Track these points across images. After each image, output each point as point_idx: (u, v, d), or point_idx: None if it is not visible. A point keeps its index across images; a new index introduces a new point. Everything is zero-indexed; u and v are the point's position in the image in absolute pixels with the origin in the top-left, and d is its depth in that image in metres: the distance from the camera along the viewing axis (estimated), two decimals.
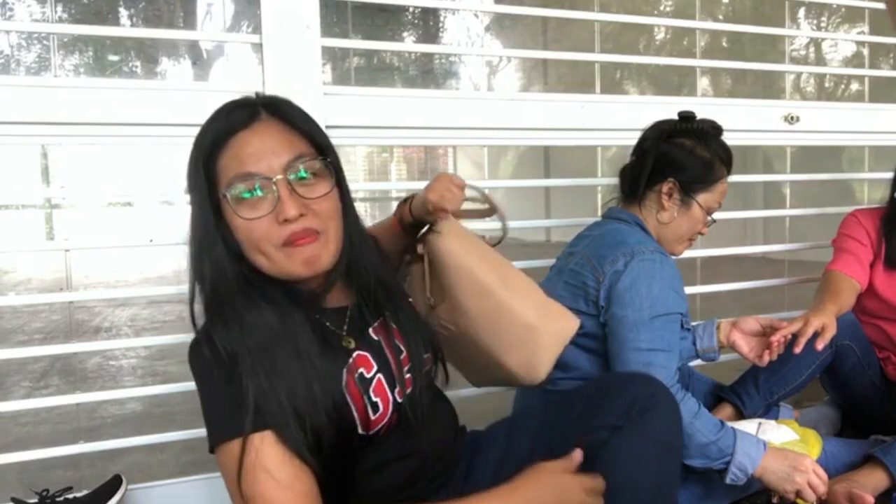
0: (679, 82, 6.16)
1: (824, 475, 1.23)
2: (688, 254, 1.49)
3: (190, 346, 0.85)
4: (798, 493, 1.23)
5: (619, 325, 1.24)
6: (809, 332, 1.35)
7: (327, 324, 0.89)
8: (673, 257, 1.36)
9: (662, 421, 0.91)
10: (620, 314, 1.24)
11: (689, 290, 1.61)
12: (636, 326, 1.23)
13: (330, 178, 0.86)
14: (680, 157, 1.34)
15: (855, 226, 1.74)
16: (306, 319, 0.84)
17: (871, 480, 1.35)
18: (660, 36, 7.64)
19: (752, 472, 1.20)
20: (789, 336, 1.35)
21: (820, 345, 1.35)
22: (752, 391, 1.60)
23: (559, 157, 9.20)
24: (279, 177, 0.81)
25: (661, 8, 7.47)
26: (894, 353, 1.70)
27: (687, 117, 1.38)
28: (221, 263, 0.83)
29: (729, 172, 1.39)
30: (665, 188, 1.35)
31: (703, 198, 1.36)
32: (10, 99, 1.27)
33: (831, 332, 1.37)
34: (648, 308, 1.23)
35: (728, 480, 1.21)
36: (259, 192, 0.82)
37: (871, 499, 1.28)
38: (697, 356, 1.48)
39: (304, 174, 0.83)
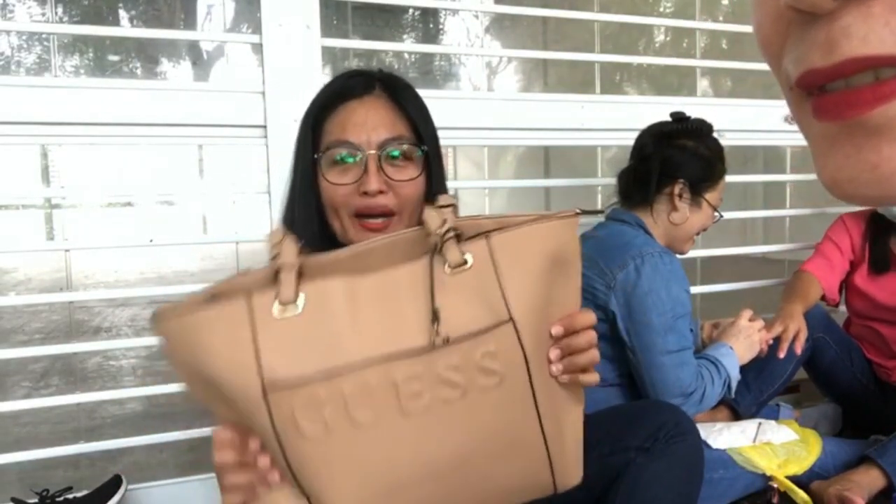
0: (679, 83, 6.16)
1: (758, 324, 1.43)
2: (688, 254, 1.49)
3: None
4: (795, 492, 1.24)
5: (646, 330, 1.26)
6: (790, 336, 1.50)
7: None
8: (679, 257, 1.38)
9: (688, 448, 0.96)
10: (645, 320, 1.25)
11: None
12: (663, 330, 1.25)
13: (420, 165, 0.89)
14: (685, 159, 1.37)
15: (840, 231, 1.80)
16: None
17: (866, 479, 1.36)
18: (659, 38, 7.64)
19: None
20: (770, 340, 1.48)
21: (799, 348, 1.50)
22: (743, 390, 1.63)
23: (559, 157, 9.21)
24: (372, 151, 0.85)
25: (661, 9, 7.47)
26: (888, 354, 1.72)
27: (681, 118, 1.41)
28: (310, 216, 0.88)
29: (725, 168, 1.42)
30: (676, 189, 1.37)
31: (710, 195, 1.39)
32: (10, 99, 1.27)
33: (804, 334, 1.52)
34: (671, 310, 1.26)
35: (733, 393, 1.40)
36: (350, 161, 0.86)
37: (861, 502, 1.29)
38: None
39: (395, 154, 0.87)
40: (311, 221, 0.88)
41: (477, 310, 0.67)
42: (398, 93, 0.91)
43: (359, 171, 0.86)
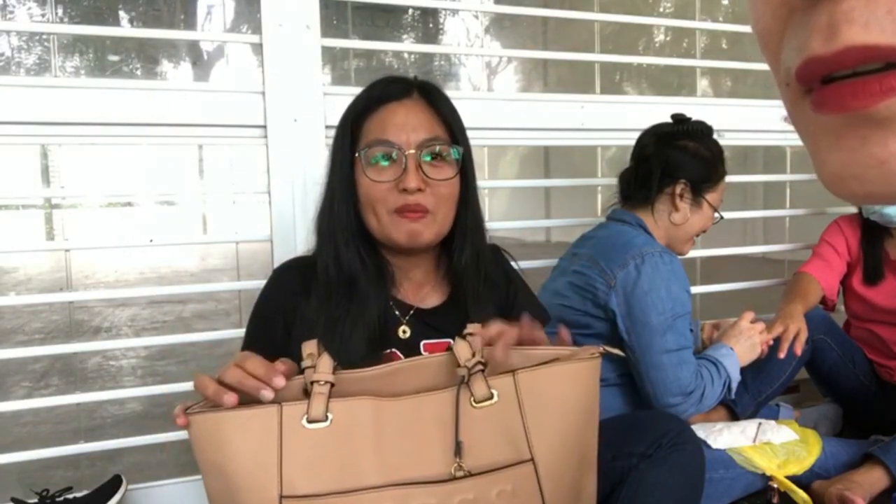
0: (679, 83, 6.16)
1: (759, 326, 1.43)
2: (688, 254, 1.50)
3: (281, 265, 0.99)
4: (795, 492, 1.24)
5: (646, 329, 1.26)
6: (790, 337, 1.49)
7: (396, 312, 0.93)
8: (679, 257, 1.38)
9: (689, 456, 0.96)
10: (645, 319, 1.26)
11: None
12: (663, 329, 1.25)
13: (455, 166, 0.92)
14: (686, 159, 1.38)
15: (836, 234, 1.80)
16: (381, 298, 0.90)
17: (868, 479, 1.36)
18: (659, 38, 7.64)
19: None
20: (771, 341, 1.47)
21: (799, 349, 1.49)
22: (742, 391, 1.63)
23: (559, 157, 9.21)
24: (411, 151, 0.88)
25: (661, 9, 7.47)
26: (888, 354, 1.72)
27: (682, 119, 1.42)
28: (348, 212, 0.92)
29: (725, 170, 1.42)
30: (678, 189, 1.37)
31: (710, 196, 1.40)
32: (10, 99, 1.27)
33: (804, 335, 1.52)
34: (671, 310, 1.26)
35: (733, 395, 1.38)
36: (388, 161, 0.89)
37: (862, 502, 1.28)
38: None
39: (431, 156, 0.90)
40: (350, 218, 0.92)
41: (499, 445, 0.69)
42: (434, 97, 0.95)
43: (398, 169, 0.89)
